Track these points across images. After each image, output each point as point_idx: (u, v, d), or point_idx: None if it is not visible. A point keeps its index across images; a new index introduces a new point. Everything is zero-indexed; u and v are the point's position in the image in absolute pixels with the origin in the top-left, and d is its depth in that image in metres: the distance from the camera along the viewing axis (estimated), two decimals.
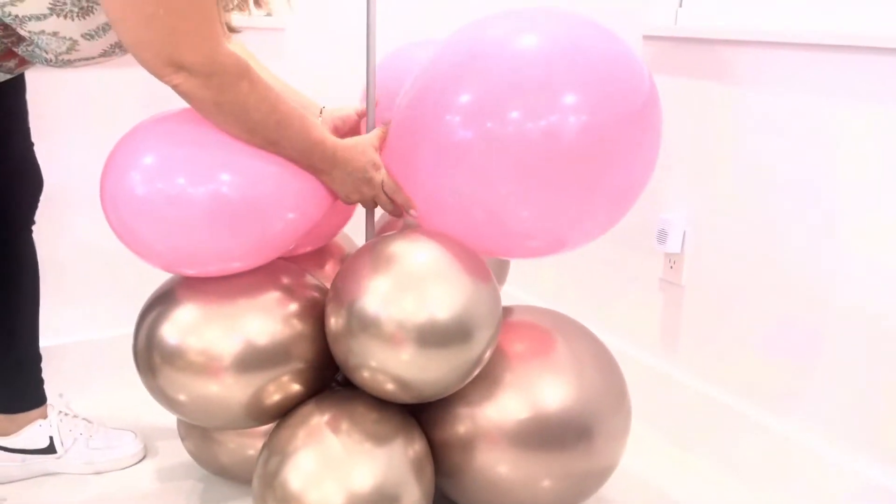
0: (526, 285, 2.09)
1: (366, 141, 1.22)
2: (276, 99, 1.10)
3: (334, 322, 1.16)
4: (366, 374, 1.15)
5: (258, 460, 1.20)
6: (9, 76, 1.18)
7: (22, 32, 1.05)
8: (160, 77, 1.03)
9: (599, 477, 1.30)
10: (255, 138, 1.11)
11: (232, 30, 1.11)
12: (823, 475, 1.39)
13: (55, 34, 1.06)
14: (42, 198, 1.42)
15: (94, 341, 1.78)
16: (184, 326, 1.16)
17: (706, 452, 1.60)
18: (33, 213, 1.41)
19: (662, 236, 1.63)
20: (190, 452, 1.42)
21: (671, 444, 1.66)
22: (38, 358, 1.47)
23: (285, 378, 1.20)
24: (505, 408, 1.21)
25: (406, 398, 1.18)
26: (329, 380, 1.30)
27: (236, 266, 1.19)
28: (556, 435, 1.21)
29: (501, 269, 1.56)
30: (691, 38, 1.58)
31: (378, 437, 1.16)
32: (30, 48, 1.09)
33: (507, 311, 1.36)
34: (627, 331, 1.80)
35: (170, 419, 1.65)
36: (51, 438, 1.47)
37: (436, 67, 1.16)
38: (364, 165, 1.20)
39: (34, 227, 1.43)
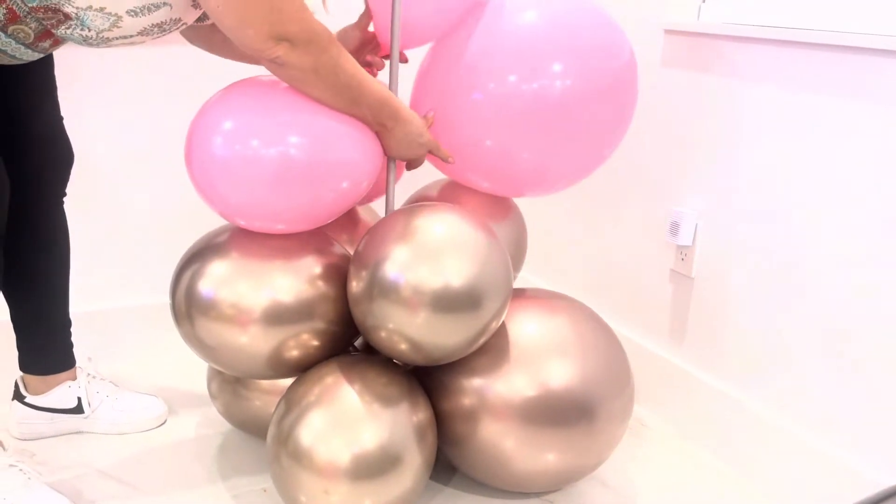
0: (541, 273, 2.13)
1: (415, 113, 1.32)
2: (355, 62, 1.20)
3: (356, 285, 1.24)
4: (383, 334, 1.22)
5: (273, 417, 1.27)
6: (43, 55, 1.22)
7: (68, 9, 1.09)
8: (262, 51, 1.11)
9: (597, 456, 1.36)
10: (341, 99, 1.20)
11: None
12: (823, 470, 1.41)
13: (101, 10, 1.10)
14: (77, 170, 1.47)
15: (122, 309, 1.84)
16: (217, 280, 1.26)
17: (707, 441, 1.63)
18: (65, 186, 1.46)
19: (675, 228, 1.66)
20: (219, 409, 1.52)
21: (674, 431, 1.70)
22: (69, 323, 1.53)
23: (305, 336, 1.28)
24: (510, 383, 1.29)
25: (418, 359, 1.25)
26: (347, 344, 1.37)
27: (280, 227, 1.27)
28: (558, 412, 1.28)
29: (518, 256, 1.60)
30: (713, 35, 1.60)
31: (385, 400, 1.24)
32: (68, 30, 1.13)
33: (521, 291, 1.42)
34: (637, 319, 1.83)
35: (191, 385, 1.72)
36: (79, 399, 1.53)
37: (458, 43, 1.35)
38: (419, 127, 1.30)
39: (65, 199, 1.47)
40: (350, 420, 1.21)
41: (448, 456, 1.39)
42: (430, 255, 1.19)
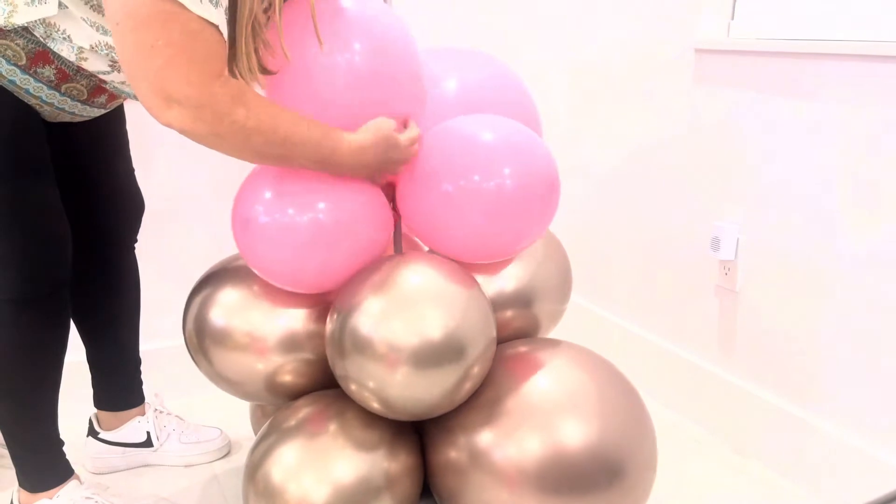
0: (588, 294, 2.14)
1: (381, 126, 1.20)
2: (278, 115, 1.10)
3: (329, 329, 1.24)
4: (353, 387, 1.21)
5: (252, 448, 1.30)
6: (103, 110, 1.31)
7: (104, 78, 1.20)
8: (156, 112, 1.04)
9: None
10: (265, 159, 1.14)
11: (266, 71, 1.15)
12: (884, 481, 1.39)
13: (123, 83, 1.20)
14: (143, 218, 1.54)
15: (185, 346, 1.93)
16: (229, 309, 1.32)
17: (762, 456, 1.61)
18: (135, 234, 1.53)
19: (716, 244, 1.66)
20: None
21: (728, 447, 1.68)
22: (139, 362, 1.61)
23: (296, 364, 1.31)
24: (521, 444, 1.18)
25: (391, 415, 1.22)
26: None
27: (298, 289, 1.29)
28: (570, 475, 1.17)
29: (564, 289, 1.55)
30: (743, 51, 1.61)
31: (360, 444, 1.22)
32: (114, 87, 1.23)
33: (514, 344, 1.36)
34: (685, 336, 1.83)
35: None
36: (148, 433, 1.61)
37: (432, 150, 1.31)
38: (377, 157, 1.21)
39: (136, 245, 1.55)
40: (320, 458, 1.20)
41: None
42: (404, 307, 1.15)
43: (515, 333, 1.41)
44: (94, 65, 1.17)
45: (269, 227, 1.19)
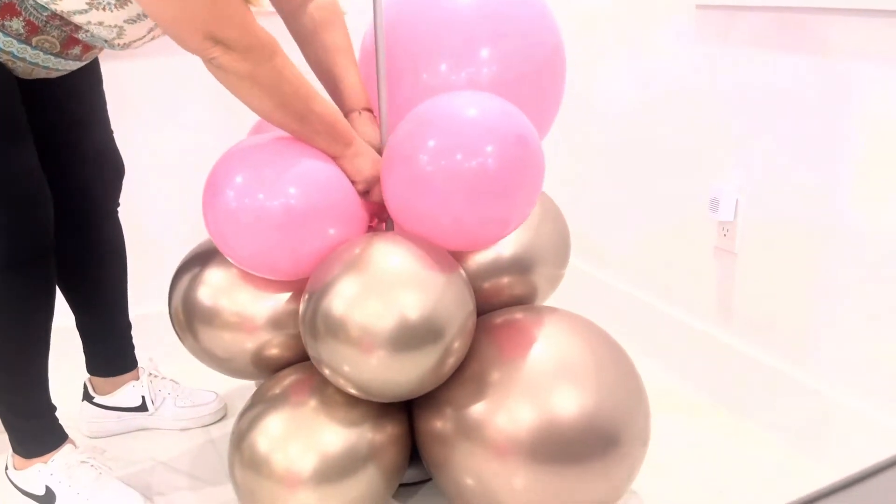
0: (583, 255, 2.13)
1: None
2: (302, 75, 1.16)
3: (301, 310, 1.21)
4: (326, 371, 1.18)
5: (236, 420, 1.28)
6: (79, 63, 1.27)
7: (77, 21, 1.15)
8: (200, 51, 1.07)
9: (627, 482, 1.23)
10: (285, 113, 1.15)
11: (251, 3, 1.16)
12: (881, 440, 1.39)
13: (101, 24, 1.15)
14: (127, 180, 1.51)
15: None
16: (218, 289, 1.29)
17: (760, 418, 1.61)
18: (117, 197, 1.51)
19: (714, 204, 1.64)
20: None
21: (726, 410, 1.68)
22: (129, 326, 1.61)
23: (283, 339, 1.29)
24: (513, 414, 1.15)
25: (371, 398, 1.19)
26: None
27: (273, 275, 1.26)
28: (563, 445, 1.14)
29: (563, 253, 1.54)
30: (746, 7, 1.57)
31: (346, 413, 1.20)
32: (87, 34, 1.19)
33: (501, 313, 1.32)
34: (683, 298, 1.82)
35: (246, 381, 1.78)
36: (143, 397, 1.61)
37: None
38: (372, 155, 1.25)
39: (119, 209, 1.53)
40: (306, 429, 1.18)
41: (442, 491, 1.29)
42: (379, 289, 1.11)
43: (513, 300, 1.38)
44: (69, 4, 1.12)
45: (238, 212, 1.16)
